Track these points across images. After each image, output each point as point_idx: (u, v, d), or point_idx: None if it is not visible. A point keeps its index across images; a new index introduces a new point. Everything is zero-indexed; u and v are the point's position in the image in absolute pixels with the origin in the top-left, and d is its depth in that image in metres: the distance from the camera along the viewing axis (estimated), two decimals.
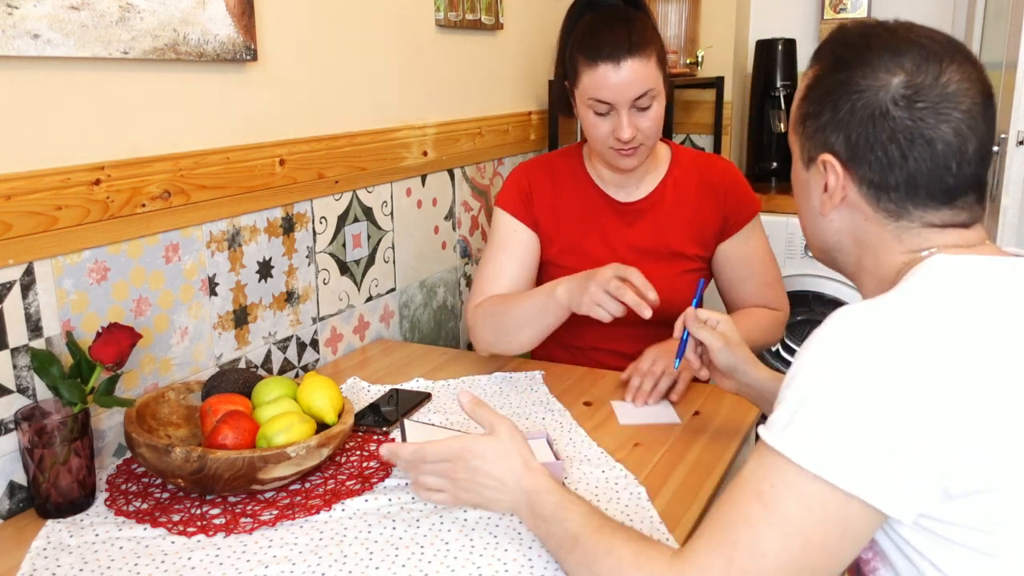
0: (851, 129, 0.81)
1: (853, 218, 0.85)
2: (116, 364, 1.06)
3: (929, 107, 0.78)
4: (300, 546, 0.95)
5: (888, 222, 0.83)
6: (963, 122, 0.78)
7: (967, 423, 0.69)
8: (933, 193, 0.80)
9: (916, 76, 0.79)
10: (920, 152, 0.79)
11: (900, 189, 0.81)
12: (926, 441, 0.69)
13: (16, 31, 1.00)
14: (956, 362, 0.70)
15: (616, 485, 1.08)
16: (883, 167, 0.81)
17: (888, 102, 0.79)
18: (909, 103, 0.78)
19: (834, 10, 2.75)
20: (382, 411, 1.31)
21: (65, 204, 1.08)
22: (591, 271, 1.27)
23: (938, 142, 0.78)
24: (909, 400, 0.69)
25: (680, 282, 1.49)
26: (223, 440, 1.03)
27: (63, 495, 1.02)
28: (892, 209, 0.82)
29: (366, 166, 1.65)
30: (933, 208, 0.81)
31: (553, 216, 1.54)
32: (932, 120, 0.78)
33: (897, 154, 0.79)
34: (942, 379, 0.69)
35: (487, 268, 1.51)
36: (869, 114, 0.80)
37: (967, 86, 0.78)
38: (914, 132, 0.78)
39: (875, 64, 0.80)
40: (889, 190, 0.81)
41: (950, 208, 0.81)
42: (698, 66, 2.60)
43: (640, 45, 1.36)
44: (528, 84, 2.24)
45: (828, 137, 0.84)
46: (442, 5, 1.83)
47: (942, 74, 0.78)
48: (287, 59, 1.44)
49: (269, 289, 1.45)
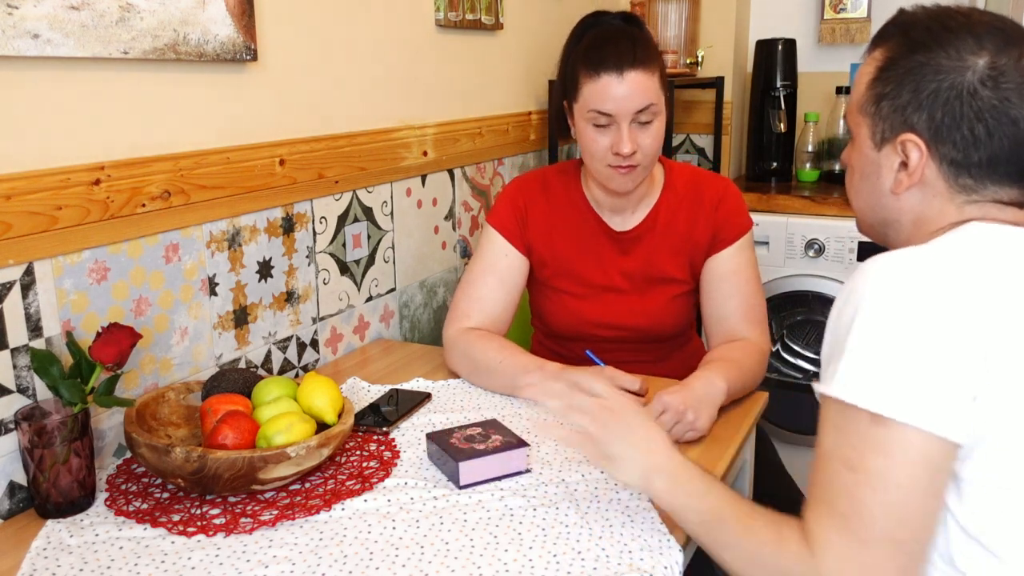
0: (935, 108, 0.84)
1: (923, 195, 0.88)
2: (116, 364, 1.06)
3: (1013, 87, 0.82)
4: (300, 546, 0.95)
5: (959, 196, 0.87)
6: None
7: (995, 359, 0.75)
8: (1011, 171, 0.85)
9: (999, 58, 0.82)
10: (1006, 130, 0.83)
11: (983, 166, 0.84)
12: (967, 371, 0.74)
13: (16, 31, 1.00)
14: (986, 304, 0.76)
15: (616, 485, 1.08)
16: (968, 145, 0.84)
17: (976, 82, 0.83)
18: (995, 83, 0.82)
19: (834, 10, 2.75)
20: (382, 411, 1.31)
21: (65, 204, 1.08)
22: (585, 373, 1.24)
23: (1021, 120, 0.82)
24: (951, 336, 0.74)
25: (672, 307, 1.51)
26: (223, 440, 1.03)
27: (63, 495, 1.02)
28: (969, 185, 0.86)
29: (366, 166, 1.65)
30: (1008, 185, 0.85)
31: (547, 239, 1.52)
32: (1016, 100, 0.82)
33: (983, 132, 0.83)
34: (975, 318, 0.75)
35: (472, 290, 1.49)
36: (956, 94, 0.83)
37: None
38: (1000, 111, 0.82)
39: (958, 45, 0.84)
40: (971, 167, 0.85)
41: (1020, 187, 0.86)
42: (698, 66, 2.60)
43: (644, 59, 1.35)
44: (528, 84, 2.24)
45: (909, 116, 0.86)
46: (442, 5, 1.83)
47: (1022, 56, 0.83)
48: (287, 59, 1.44)
49: (269, 289, 1.45)
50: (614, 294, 1.51)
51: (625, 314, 1.51)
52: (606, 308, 1.51)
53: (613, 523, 0.99)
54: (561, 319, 1.54)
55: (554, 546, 0.95)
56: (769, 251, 2.40)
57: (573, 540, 0.96)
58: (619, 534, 0.97)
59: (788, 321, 2.48)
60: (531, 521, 1.00)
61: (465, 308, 1.48)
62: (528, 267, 1.53)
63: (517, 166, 2.24)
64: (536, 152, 2.32)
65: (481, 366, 1.40)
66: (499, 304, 1.49)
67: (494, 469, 1.10)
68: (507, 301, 1.50)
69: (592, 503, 1.04)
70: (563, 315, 1.53)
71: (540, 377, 1.29)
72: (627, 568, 0.91)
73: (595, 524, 0.99)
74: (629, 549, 0.94)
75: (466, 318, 1.47)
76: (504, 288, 1.50)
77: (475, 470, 1.08)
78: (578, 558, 0.93)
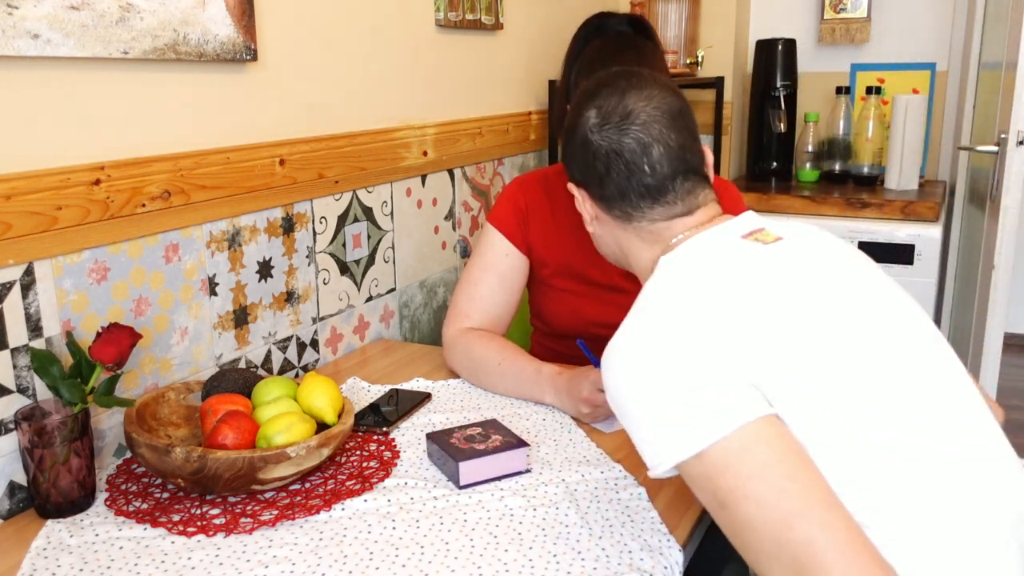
0: (575, 159, 1.02)
1: (606, 229, 1.04)
2: (116, 364, 1.06)
3: (612, 127, 0.97)
4: (300, 546, 0.95)
5: (626, 226, 1.00)
6: (643, 132, 0.96)
7: (747, 349, 0.80)
8: (641, 194, 0.97)
9: (604, 106, 0.98)
10: (615, 164, 0.97)
11: (616, 199, 0.98)
12: (725, 371, 0.79)
13: (16, 31, 1.00)
14: (717, 318, 0.82)
15: (616, 485, 1.08)
16: (599, 184, 0.99)
17: (586, 131, 0.99)
18: (600, 128, 0.98)
19: (834, 10, 2.75)
20: (382, 411, 1.31)
21: (65, 204, 1.08)
22: (574, 377, 1.28)
23: (625, 152, 0.96)
24: (693, 358, 0.81)
25: None
26: (223, 440, 1.03)
27: (63, 495, 1.02)
28: (620, 215, 1.00)
29: (366, 166, 1.65)
30: (647, 206, 0.97)
31: (547, 239, 1.52)
32: (616, 136, 0.97)
33: (603, 169, 0.98)
34: (716, 334, 0.81)
35: (472, 290, 1.49)
36: (580, 143, 1.00)
37: (644, 104, 0.96)
38: (608, 150, 0.97)
39: (582, 105, 1.01)
40: (611, 200, 0.99)
41: (660, 204, 0.97)
42: (698, 66, 2.60)
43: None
44: (528, 84, 2.24)
45: (570, 168, 1.04)
46: (442, 5, 1.83)
47: (623, 99, 0.97)
48: (287, 59, 1.44)
49: (269, 289, 1.45)
50: (615, 293, 1.51)
51: (625, 313, 1.50)
52: (606, 307, 1.51)
53: (613, 523, 0.99)
54: (561, 318, 1.54)
55: (554, 546, 0.95)
56: None
57: (573, 540, 0.96)
58: (619, 534, 0.97)
59: None
60: (531, 521, 1.00)
61: (465, 308, 1.48)
62: (528, 267, 1.53)
63: (517, 166, 2.24)
64: (536, 152, 2.32)
65: (480, 367, 1.40)
66: (499, 304, 1.49)
67: (494, 469, 1.10)
68: (507, 301, 1.50)
69: (592, 503, 1.04)
70: (563, 314, 1.53)
71: (554, 396, 1.31)
72: (627, 568, 0.91)
73: (595, 524, 0.99)
74: (629, 549, 0.94)
75: (466, 318, 1.47)
76: (504, 288, 1.50)
77: (475, 470, 1.08)
78: (578, 558, 0.93)
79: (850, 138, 2.65)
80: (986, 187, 2.31)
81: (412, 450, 1.19)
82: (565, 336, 1.55)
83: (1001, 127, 2.13)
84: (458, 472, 1.07)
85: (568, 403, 1.28)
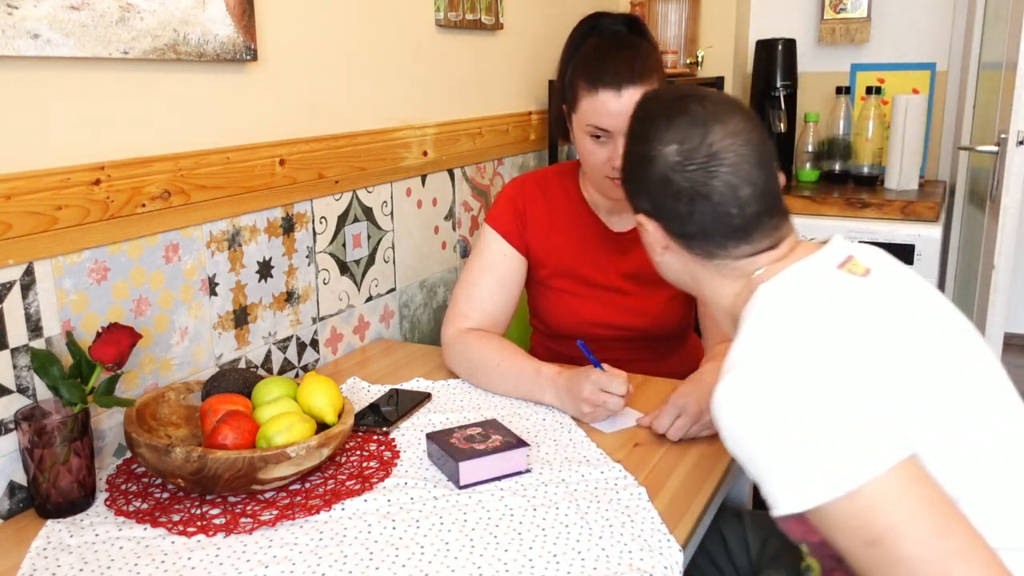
0: (649, 194, 0.96)
1: (680, 259, 0.99)
2: (116, 364, 1.06)
3: (698, 168, 0.91)
4: (300, 546, 0.95)
5: (706, 262, 0.96)
6: (732, 174, 0.91)
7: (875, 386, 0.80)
8: (727, 235, 0.93)
9: (684, 143, 0.92)
10: (702, 207, 0.92)
11: (698, 238, 0.94)
12: (872, 404, 0.78)
13: (16, 31, 1.00)
14: (845, 355, 0.81)
15: (616, 485, 1.08)
16: (680, 222, 0.95)
17: (667, 169, 0.93)
18: (682, 167, 0.92)
19: (834, 10, 2.75)
20: (382, 411, 1.31)
21: (65, 204, 1.08)
22: (574, 377, 1.27)
23: (714, 195, 0.91)
24: (843, 391, 0.79)
25: (670, 307, 1.52)
26: (223, 440, 1.03)
27: (63, 495, 1.02)
28: (701, 253, 0.96)
29: (366, 166, 1.65)
30: (733, 246, 0.94)
31: (546, 239, 1.52)
32: (702, 178, 0.91)
33: (685, 211, 0.93)
34: (847, 371, 0.80)
35: (471, 291, 1.49)
36: (657, 181, 0.94)
37: (729, 141, 0.91)
38: (692, 192, 0.92)
39: (654, 137, 0.94)
40: (693, 239, 0.95)
41: (747, 243, 0.93)
42: (698, 66, 2.60)
43: (643, 74, 1.34)
44: (528, 84, 2.24)
45: (637, 199, 1.00)
46: (442, 5, 1.83)
47: (706, 136, 0.91)
48: (287, 59, 1.44)
49: (269, 289, 1.45)
50: (613, 294, 1.51)
51: (624, 314, 1.51)
52: (605, 308, 1.51)
53: (613, 523, 0.99)
54: (560, 318, 1.54)
55: (554, 546, 0.95)
56: None
57: (573, 540, 0.96)
58: (619, 534, 0.97)
59: None
60: (531, 521, 1.00)
61: (464, 308, 1.48)
62: (526, 267, 1.53)
63: (517, 166, 2.24)
64: (536, 152, 2.32)
65: (479, 367, 1.40)
66: (498, 304, 1.49)
67: (494, 469, 1.10)
68: (506, 301, 1.50)
69: (592, 503, 1.04)
70: (562, 314, 1.53)
71: (554, 395, 1.31)
72: (627, 568, 0.91)
73: (595, 524, 0.99)
74: (629, 549, 0.94)
75: (465, 318, 1.47)
76: (503, 288, 1.50)
77: (475, 470, 1.08)
78: (578, 558, 0.93)
79: (850, 138, 2.65)
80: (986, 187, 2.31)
81: (412, 450, 1.19)
82: (564, 336, 1.55)
83: (1001, 127, 2.13)
84: (458, 472, 1.07)
85: (568, 403, 1.28)
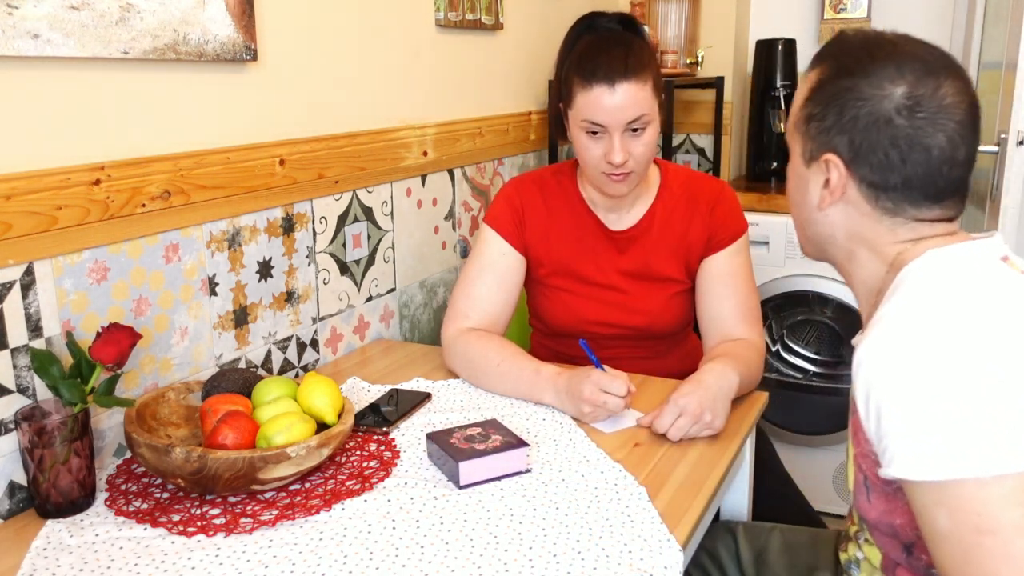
0: (855, 133, 0.89)
1: (847, 213, 0.93)
2: (116, 364, 1.06)
3: (927, 117, 0.86)
4: (300, 546, 0.95)
5: (884, 218, 0.91)
6: (956, 132, 0.86)
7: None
8: (927, 194, 0.89)
9: (917, 88, 0.86)
10: (918, 157, 0.87)
11: (898, 189, 0.89)
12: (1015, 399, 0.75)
13: (16, 31, 1.00)
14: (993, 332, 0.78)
15: (616, 485, 1.08)
16: (883, 169, 0.88)
17: (891, 111, 0.87)
18: (911, 113, 0.86)
19: (834, 10, 2.75)
20: (382, 411, 1.31)
21: (65, 204, 1.08)
22: (574, 377, 1.27)
23: (934, 149, 0.86)
24: (990, 375, 0.76)
25: (669, 305, 1.52)
26: (223, 440, 1.03)
27: (63, 495, 1.02)
28: (888, 207, 0.90)
29: (366, 166, 1.65)
30: (926, 207, 0.89)
31: (544, 238, 1.53)
32: (930, 129, 0.86)
33: (897, 158, 0.87)
34: (1001, 350, 0.77)
35: (471, 290, 1.49)
36: (873, 120, 0.87)
37: (959, 99, 0.87)
38: (913, 139, 0.86)
39: (880, 74, 0.88)
40: (888, 190, 0.89)
41: (940, 206, 0.90)
42: (698, 66, 2.60)
43: (636, 69, 1.34)
44: (528, 84, 2.24)
45: (832, 139, 0.91)
46: (442, 5, 1.83)
47: (939, 87, 0.86)
48: (287, 59, 1.44)
49: (269, 289, 1.45)
50: (613, 292, 1.52)
51: (623, 312, 1.51)
52: (604, 306, 1.52)
53: (613, 523, 0.99)
54: (560, 317, 1.54)
55: (554, 546, 0.95)
56: (769, 251, 2.39)
57: (573, 540, 0.96)
58: (619, 534, 0.97)
59: (788, 321, 2.48)
60: (531, 521, 1.00)
61: (463, 308, 1.48)
62: (525, 267, 1.54)
63: (517, 166, 2.24)
64: (536, 152, 2.32)
65: (479, 367, 1.40)
66: (497, 304, 1.49)
67: (494, 469, 1.10)
68: (505, 301, 1.50)
69: (592, 503, 1.04)
70: (562, 313, 1.53)
71: (554, 396, 1.31)
72: (627, 568, 0.91)
73: (595, 524, 0.99)
74: (629, 549, 0.94)
75: (464, 318, 1.47)
76: (502, 288, 1.50)
77: (475, 470, 1.08)
78: (578, 558, 0.93)
79: None
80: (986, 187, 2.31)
81: (412, 450, 1.19)
82: (564, 335, 1.55)
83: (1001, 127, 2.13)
84: (458, 472, 1.07)
85: (568, 403, 1.28)
